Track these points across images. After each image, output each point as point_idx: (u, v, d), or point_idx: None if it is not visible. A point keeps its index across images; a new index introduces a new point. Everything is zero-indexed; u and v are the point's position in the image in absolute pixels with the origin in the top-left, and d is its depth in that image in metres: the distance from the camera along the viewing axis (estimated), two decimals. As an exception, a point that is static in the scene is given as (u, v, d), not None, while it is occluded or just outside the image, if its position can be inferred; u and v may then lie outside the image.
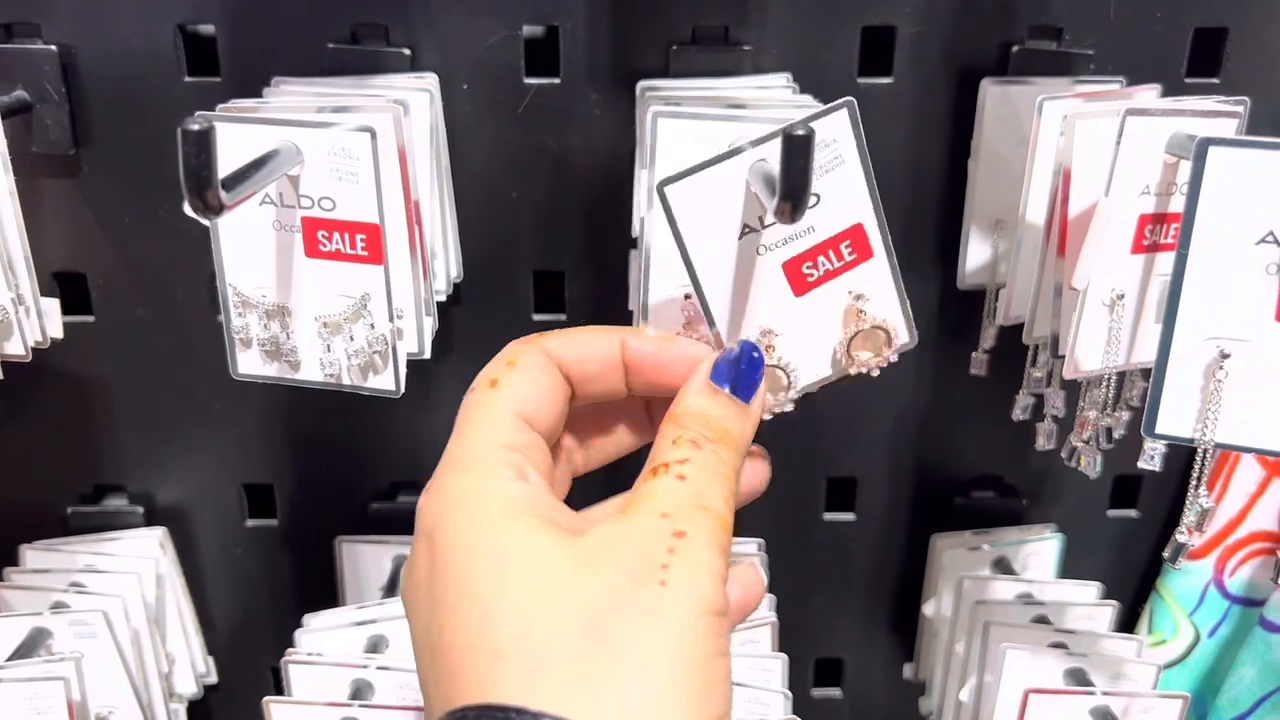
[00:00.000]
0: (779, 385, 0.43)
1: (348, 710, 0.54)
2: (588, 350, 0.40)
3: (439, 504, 0.35)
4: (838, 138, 0.40)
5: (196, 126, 0.32)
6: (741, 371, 0.39)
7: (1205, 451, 0.39)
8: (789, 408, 0.43)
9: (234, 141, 0.42)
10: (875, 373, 0.44)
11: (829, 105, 0.39)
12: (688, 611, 0.32)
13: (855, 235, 0.41)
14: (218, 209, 0.34)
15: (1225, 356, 0.37)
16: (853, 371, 0.44)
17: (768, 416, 0.42)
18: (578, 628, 0.31)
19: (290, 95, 0.52)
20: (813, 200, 0.40)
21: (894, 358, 0.44)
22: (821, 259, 0.41)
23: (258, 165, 0.38)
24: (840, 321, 0.43)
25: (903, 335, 0.43)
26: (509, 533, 0.34)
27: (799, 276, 0.42)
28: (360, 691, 0.56)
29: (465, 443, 0.37)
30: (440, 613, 0.33)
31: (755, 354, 0.40)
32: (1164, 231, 0.45)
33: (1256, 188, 0.36)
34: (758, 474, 0.42)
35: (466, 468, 0.36)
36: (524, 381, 0.38)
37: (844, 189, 0.40)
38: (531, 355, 0.39)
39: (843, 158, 0.40)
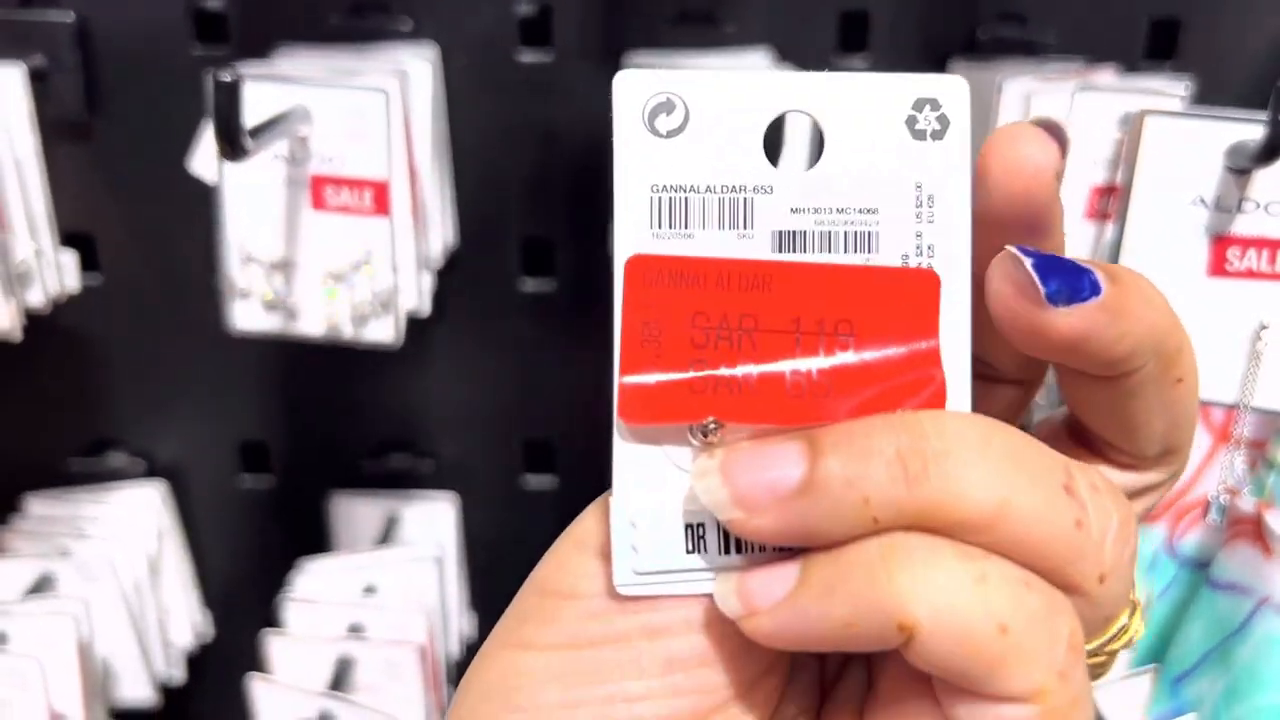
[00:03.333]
0: None
1: (342, 645, 0.58)
2: None
3: None
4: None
5: (227, 78, 0.35)
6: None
7: (1142, 399, 0.42)
8: None
9: (250, 99, 0.45)
10: None
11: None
12: None
13: None
14: (244, 153, 0.37)
15: (1160, 310, 0.41)
16: None
17: None
18: None
19: (297, 63, 0.55)
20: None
21: None
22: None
23: (277, 120, 0.41)
24: None
25: None
26: None
27: None
28: (355, 630, 0.59)
29: None
30: None
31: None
32: (1113, 201, 0.48)
33: (1188, 155, 0.39)
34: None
35: None
36: None
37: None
38: None
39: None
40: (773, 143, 0.25)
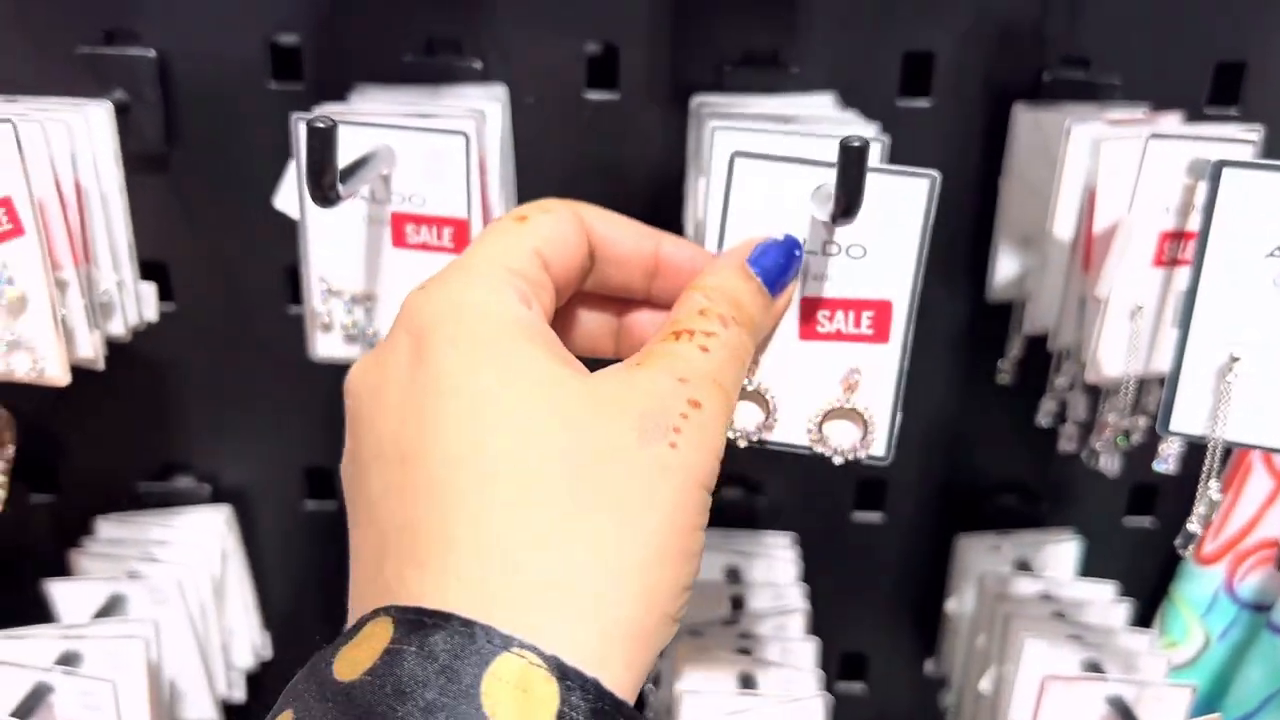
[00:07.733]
0: (756, 413, 0.42)
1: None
2: (621, 232, 0.39)
3: (436, 304, 0.34)
4: (909, 205, 0.40)
5: (321, 124, 0.36)
6: (778, 264, 0.39)
7: (1215, 448, 0.42)
8: (741, 444, 0.42)
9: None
10: (837, 460, 0.42)
11: (913, 170, 0.40)
12: (689, 479, 0.32)
13: (880, 311, 0.41)
14: (335, 200, 0.38)
15: (1235, 360, 0.41)
16: (818, 449, 0.42)
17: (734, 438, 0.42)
18: (574, 464, 0.30)
19: (373, 102, 0.56)
20: (859, 251, 0.40)
21: (861, 457, 0.42)
22: (839, 315, 0.41)
23: (363, 163, 0.42)
24: (825, 392, 0.42)
25: (878, 445, 0.42)
26: (516, 348, 0.32)
27: (811, 319, 0.41)
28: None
29: (475, 257, 0.35)
30: (426, 406, 0.32)
31: (797, 251, 0.40)
32: (1182, 248, 0.48)
33: (1267, 206, 0.39)
34: None
35: (472, 279, 0.34)
36: (552, 224, 0.37)
37: (892, 259, 0.40)
38: (565, 210, 0.38)
39: (905, 227, 0.40)
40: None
